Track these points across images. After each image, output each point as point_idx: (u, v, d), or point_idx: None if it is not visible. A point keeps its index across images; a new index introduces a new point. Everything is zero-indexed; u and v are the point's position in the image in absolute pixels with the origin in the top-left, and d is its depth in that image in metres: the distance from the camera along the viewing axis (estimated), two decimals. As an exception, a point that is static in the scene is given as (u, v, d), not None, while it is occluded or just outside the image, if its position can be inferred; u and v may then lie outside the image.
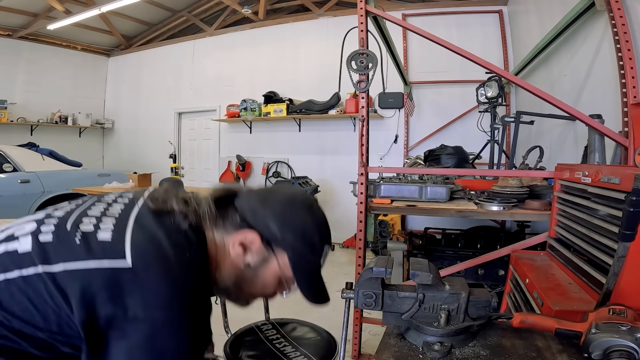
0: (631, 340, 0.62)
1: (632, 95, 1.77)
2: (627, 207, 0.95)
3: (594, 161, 1.92)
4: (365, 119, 2.04)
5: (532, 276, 1.40)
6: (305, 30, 5.17)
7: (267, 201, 0.75)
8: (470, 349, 0.71)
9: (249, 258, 0.72)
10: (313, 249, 0.74)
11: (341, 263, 4.17)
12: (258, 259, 0.73)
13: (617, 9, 1.88)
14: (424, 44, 2.75)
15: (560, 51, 2.93)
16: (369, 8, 2.03)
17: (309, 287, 0.75)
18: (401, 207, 2.09)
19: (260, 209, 0.73)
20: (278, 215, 0.72)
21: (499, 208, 1.96)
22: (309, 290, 0.75)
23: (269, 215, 0.72)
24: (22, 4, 5.21)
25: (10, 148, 4.48)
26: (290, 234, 0.72)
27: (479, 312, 0.72)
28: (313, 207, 0.77)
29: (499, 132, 3.20)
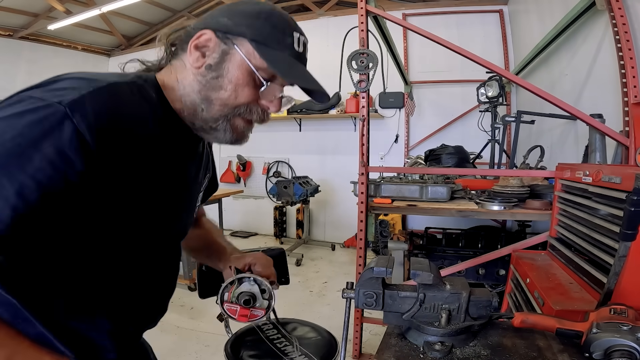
0: (632, 340, 0.62)
1: (633, 95, 1.77)
2: (628, 207, 0.95)
3: (594, 161, 1.92)
4: (366, 118, 2.04)
5: (533, 276, 1.40)
6: (305, 30, 4.99)
7: (214, 10, 0.70)
8: (471, 348, 0.71)
9: (207, 59, 0.66)
10: (274, 26, 0.66)
11: (342, 263, 4.17)
12: (217, 55, 0.65)
13: (618, 9, 1.88)
14: (424, 43, 2.75)
15: (560, 51, 2.92)
16: (369, 8, 2.03)
17: (285, 69, 0.66)
18: (402, 206, 2.09)
19: (208, 15, 0.69)
20: (227, 9, 0.68)
21: (499, 207, 1.96)
22: (286, 71, 0.66)
23: (218, 13, 0.68)
24: (22, 4, 5.21)
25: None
26: (243, 17, 0.66)
27: (480, 312, 0.72)
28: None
29: (499, 132, 3.20)
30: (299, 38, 0.69)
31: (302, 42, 0.70)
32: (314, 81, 0.69)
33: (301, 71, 0.69)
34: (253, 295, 0.72)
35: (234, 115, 0.68)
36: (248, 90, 0.67)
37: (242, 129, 0.71)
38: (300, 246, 4.68)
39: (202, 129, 0.70)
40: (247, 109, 0.68)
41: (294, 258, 4.04)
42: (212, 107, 0.67)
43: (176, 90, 0.68)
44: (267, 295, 0.75)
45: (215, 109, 0.67)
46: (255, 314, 0.74)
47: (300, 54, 0.69)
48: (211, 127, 0.69)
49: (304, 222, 4.80)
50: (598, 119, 1.83)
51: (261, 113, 0.71)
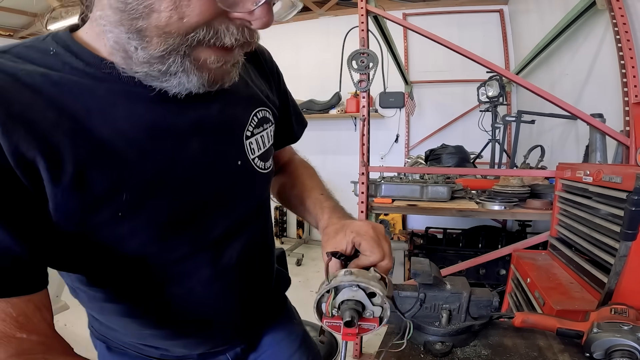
0: (633, 340, 0.62)
1: (634, 95, 1.77)
2: (628, 206, 0.95)
3: (595, 160, 1.92)
4: (366, 118, 2.04)
5: (534, 275, 1.40)
6: (305, 29, 5.16)
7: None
8: (471, 348, 0.71)
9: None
10: None
11: (342, 263, 4.17)
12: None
13: (618, 8, 1.88)
14: (424, 43, 2.74)
15: (561, 50, 2.92)
16: (369, 7, 2.02)
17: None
18: (402, 206, 2.09)
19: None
20: None
21: (500, 207, 1.96)
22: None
23: None
24: (22, 4, 5.21)
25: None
26: None
27: (481, 312, 0.72)
28: None
29: (500, 132, 3.20)
30: None
31: None
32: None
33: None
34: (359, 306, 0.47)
35: (190, 45, 0.44)
36: (198, 2, 0.41)
37: (213, 64, 0.47)
38: (301, 246, 4.68)
39: (150, 77, 0.46)
40: (209, 31, 0.44)
41: (294, 258, 4.04)
42: (149, 41, 0.43)
43: (98, 33, 0.46)
44: (378, 299, 0.49)
45: (155, 43, 0.43)
46: (365, 328, 0.49)
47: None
48: (161, 72, 0.45)
49: (305, 222, 4.80)
50: (598, 119, 1.83)
51: (239, 31, 0.46)
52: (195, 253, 0.56)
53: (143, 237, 0.50)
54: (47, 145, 0.40)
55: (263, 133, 0.64)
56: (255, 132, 0.62)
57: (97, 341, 0.71)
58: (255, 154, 0.62)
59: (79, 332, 2.50)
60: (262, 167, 0.64)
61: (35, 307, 0.41)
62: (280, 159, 0.84)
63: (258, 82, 0.67)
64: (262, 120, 0.64)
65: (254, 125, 0.62)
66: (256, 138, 0.62)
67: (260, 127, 0.63)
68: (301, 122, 0.83)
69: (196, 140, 0.52)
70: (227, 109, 0.57)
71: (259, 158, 0.63)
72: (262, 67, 0.70)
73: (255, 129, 0.62)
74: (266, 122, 0.65)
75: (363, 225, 0.55)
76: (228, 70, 0.50)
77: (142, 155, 0.47)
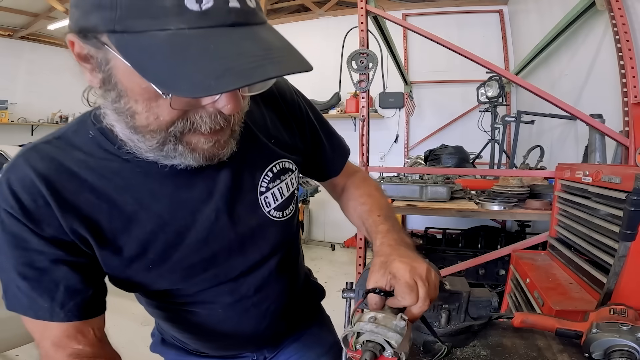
0: (632, 340, 0.62)
1: (633, 95, 1.77)
2: (628, 207, 0.95)
3: (594, 161, 1.92)
4: (366, 118, 2.04)
5: (533, 276, 1.40)
6: (305, 30, 5.16)
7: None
8: (470, 348, 0.71)
9: (95, 75, 0.48)
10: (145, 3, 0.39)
11: (342, 263, 4.17)
12: (99, 67, 0.46)
13: (618, 9, 1.88)
14: (424, 43, 2.75)
15: (560, 51, 2.92)
16: (369, 8, 2.02)
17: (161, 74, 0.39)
18: (402, 206, 2.09)
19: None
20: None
21: (499, 207, 1.96)
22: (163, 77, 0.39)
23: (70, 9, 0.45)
24: (22, 4, 5.21)
25: (11, 148, 4.47)
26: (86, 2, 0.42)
27: (480, 312, 0.72)
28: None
29: (499, 132, 3.20)
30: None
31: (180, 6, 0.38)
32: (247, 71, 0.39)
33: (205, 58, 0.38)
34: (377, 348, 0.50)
35: (176, 137, 0.49)
36: (166, 106, 0.45)
37: (204, 145, 0.51)
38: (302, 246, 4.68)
39: (160, 158, 0.53)
40: (185, 122, 0.48)
41: (293, 258, 4.04)
42: (144, 136, 0.49)
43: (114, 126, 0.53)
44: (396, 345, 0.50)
45: (148, 139, 0.49)
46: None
47: (208, 12, 0.39)
48: (165, 157, 0.52)
49: (304, 222, 4.80)
50: (598, 119, 1.83)
51: (214, 119, 0.48)
52: (215, 287, 0.66)
53: (169, 279, 0.62)
54: (90, 223, 0.54)
55: (281, 184, 0.68)
56: (270, 186, 0.67)
57: (156, 332, 0.85)
58: (271, 206, 0.67)
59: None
60: (279, 217, 0.69)
61: (91, 327, 0.56)
62: (337, 184, 0.85)
63: (276, 131, 0.69)
64: (279, 172, 0.68)
65: (269, 180, 0.66)
66: (272, 191, 0.67)
67: (277, 180, 0.68)
68: (341, 154, 0.82)
69: (207, 207, 0.60)
70: (236, 174, 0.62)
71: (275, 209, 0.68)
72: (282, 112, 0.71)
73: (270, 183, 0.67)
74: (285, 173, 0.69)
75: (401, 267, 0.55)
76: (222, 146, 0.54)
77: (162, 224, 0.58)
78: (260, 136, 0.66)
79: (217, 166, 0.59)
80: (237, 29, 0.41)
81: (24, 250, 0.51)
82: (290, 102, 0.72)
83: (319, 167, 0.81)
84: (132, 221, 0.56)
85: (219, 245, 0.63)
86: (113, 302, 0.69)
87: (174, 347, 0.80)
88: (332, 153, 0.80)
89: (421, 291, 0.53)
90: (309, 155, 0.76)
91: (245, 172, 0.64)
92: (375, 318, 0.53)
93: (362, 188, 0.81)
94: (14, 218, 0.50)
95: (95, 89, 0.50)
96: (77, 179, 0.53)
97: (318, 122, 0.77)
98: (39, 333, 0.55)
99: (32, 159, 0.52)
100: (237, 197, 0.63)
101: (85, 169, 0.54)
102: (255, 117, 0.65)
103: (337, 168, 0.82)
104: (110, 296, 0.60)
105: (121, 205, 0.55)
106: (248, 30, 0.42)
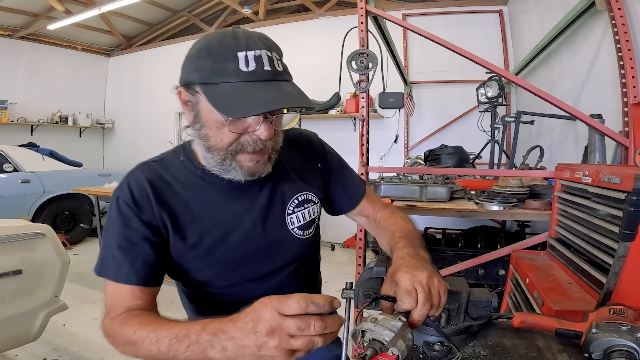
0: (631, 340, 0.62)
1: (633, 95, 1.77)
2: (627, 207, 0.95)
3: (594, 161, 1.92)
4: (366, 118, 2.04)
5: (533, 276, 1.40)
6: (305, 30, 5.16)
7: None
8: (470, 348, 0.71)
9: (191, 114, 0.74)
10: (214, 57, 0.67)
11: (341, 263, 4.17)
12: (192, 107, 0.73)
13: (618, 9, 1.88)
14: (424, 43, 2.76)
15: (560, 51, 2.92)
16: (369, 8, 2.02)
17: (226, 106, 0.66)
18: (401, 207, 2.08)
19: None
20: (184, 58, 0.74)
21: (499, 208, 1.96)
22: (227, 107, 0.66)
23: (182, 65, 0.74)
24: (22, 4, 5.20)
25: (11, 148, 4.48)
26: (190, 62, 0.71)
27: (480, 312, 0.72)
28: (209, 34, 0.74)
29: (499, 132, 3.20)
30: (245, 56, 0.66)
31: (251, 58, 0.66)
32: (270, 99, 0.66)
33: (250, 97, 0.65)
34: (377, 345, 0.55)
35: (233, 155, 0.74)
36: (227, 130, 0.71)
37: (249, 163, 0.75)
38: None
39: (221, 173, 0.78)
40: (238, 144, 0.73)
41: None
42: (213, 154, 0.75)
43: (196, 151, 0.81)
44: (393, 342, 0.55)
45: (216, 156, 0.74)
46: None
47: (253, 72, 0.66)
48: (223, 170, 0.77)
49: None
50: (597, 119, 1.83)
51: (256, 142, 0.73)
52: (244, 283, 0.84)
53: (211, 270, 0.81)
54: (171, 215, 0.77)
55: (304, 211, 0.89)
56: (295, 210, 0.88)
57: None
58: (295, 225, 0.88)
59: (76, 332, 2.50)
60: (301, 234, 0.89)
61: (150, 293, 0.75)
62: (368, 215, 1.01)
63: (303, 171, 0.92)
64: (303, 201, 0.89)
65: (295, 205, 0.88)
66: (297, 214, 0.88)
67: (301, 206, 0.89)
68: (356, 189, 1.00)
69: (248, 217, 0.82)
70: (271, 197, 0.85)
71: (298, 228, 0.88)
72: (308, 156, 0.94)
73: (295, 208, 0.88)
74: (308, 202, 0.90)
75: (403, 276, 0.63)
76: (261, 166, 0.77)
77: (215, 224, 0.80)
78: (290, 172, 0.89)
79: (258, 189, 0.83)
80: (267, 82, 0.68)
81: (127, 227, 0.74)
82: (315, 148, 0.96)
83: (340, 198, 0.99)
84: (196, 218, 0.79)
85: (251, 248, 0.82)
86: (113, 302, 0.72)
87: None
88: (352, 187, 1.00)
89: (420, 296, 0.60)
90: (333, 188, 0.97)
91: (278, 196, 0.86)
92: (376, 319, 0.59)
93: (390, 219, 0.94)
94: (127, 205, 0.74)
95: (189, 124, 0.77)
96: (169, 186, 0.79)
97: (339, 168, 0.99)
98: (112, 292, 0.73)
99: (144, 170, 0.79)
100: (270, 213, 0.85)
101: (174, 180, 0.80)
102: (288, 158, 0.89)
103: (352, 202, 1.00)
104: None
105: (192, 206, 0.79)
106: (274, 84, 0.69)
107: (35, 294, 1.75)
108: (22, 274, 1.68)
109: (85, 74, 6.56)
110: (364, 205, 1.00)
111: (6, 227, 1.71)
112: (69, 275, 1.99)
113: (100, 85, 6.84)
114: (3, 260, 1.63)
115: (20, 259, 1.68)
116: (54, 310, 1.83)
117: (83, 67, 6.53)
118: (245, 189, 0.81)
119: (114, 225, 0.74)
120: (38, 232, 1.78)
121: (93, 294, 3.08)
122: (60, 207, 4.59)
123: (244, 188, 0.80)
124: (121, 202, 0.75)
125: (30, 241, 1.75)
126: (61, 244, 1.88)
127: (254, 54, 0.67)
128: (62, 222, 4.66)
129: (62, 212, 4.65)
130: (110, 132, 6.88)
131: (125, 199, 0.75)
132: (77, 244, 4.74)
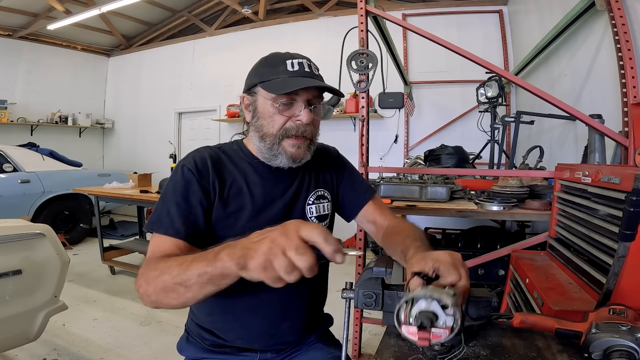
0: (631, 340, 0.62)
1: (632, 95, 1.77)
2: (627, 207, 0.95)
3: (594, 161, 1.92)
4: (366, 118, 2.04)
5: (532, 276, 1.40)
6: (305, 30, 5.17)
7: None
8: (470, 348, 0.71)
9: (251, 112, 0.95)
10: (271, 64, 0.92)
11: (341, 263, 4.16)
12: (252, 105, 0.95)
13: (617, 9, 1.88)
14: (424, 44, 2.74)
15: (560, 51, 2.93)
16: (369, 8, 2.03)
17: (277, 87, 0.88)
18: (401, 207, 2.08)
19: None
20: (249, 72, 0.97)
21: (499, 208, 1.96)
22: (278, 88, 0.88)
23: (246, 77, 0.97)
24: (22, 4, 5.20)
25: (11, 148, 4.48)
26: (254, 71, 0.95)
27: (479, 312, 0.72)
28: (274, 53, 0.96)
29: (499, 132, 3.20)
30: (292, 62, 0.91)
31: (296, 64, 0.91)
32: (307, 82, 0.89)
33: (293, 82, 0.88)
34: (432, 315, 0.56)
35: (280, 140, 0.91)
36: (277, 116, 0.91)
37: (292, 148, 0.92)
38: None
39: (269, 159, 0.95)
40: (284, 130, 0.91)
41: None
42: (265, 140, 0.93)
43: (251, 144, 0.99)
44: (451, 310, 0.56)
45: (267, 141, 0.93)
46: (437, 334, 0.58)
47: (296, 71, 0.90)
48: (272, 155, 0.93)
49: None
50: (597, 120, 1.83)
51: (297, 126, 0.91)
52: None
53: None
54: (222, 184, 0.93)
55: (320, 205, 1.06)
56: (315, 202, 1.05)
57: (185, 331, 1.09)
58: (313, 214, 1.04)
59: (76, 332, 2.50)
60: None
61: (191, 251, 0.83)
62: (375, 221, 1.12)
63: (322, 173, 1.09)
64: (319, 197, 1.06)
65: (314, 199, 1.04)
66: (316, 206, 1.05)
67: (318, 201, 1.05)
68: (364, 192, 1.13)
69: (279, 200, 0.98)
70: (298, 188, 1.02)
71: (315, 218, 1.04)
72: (328, 163, 1.12)
73: (315, 200, 1.05)
74: (323, 199, 1.07)
75: (442, 253, 0.70)
76: (302, 151, 0.94)
77: (253, 200, 0.95)
78: (312, 172, 1.06)
79: (291, 180, 1.01)
80: (306, 78, 0.91)
81: (187, 189, 0.88)
82: (333, 158, 1.14)
83: (351, 201, 1.13)
84: (239, 192, 0.94)
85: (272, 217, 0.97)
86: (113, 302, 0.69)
87: (194, 345, 1.03)
88: (362, 192, 1.13)
89: (462, 270, 0.66)
90: (339, 194, 1.13)
91: (303, 189, 1.03)
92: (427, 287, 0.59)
93: (401, 226, 1.01)
94: (190, 171, 0.90)
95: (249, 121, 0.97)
96: (223, 164, 0.96)
97: (350, 173, 1.15)
98: (157, 244, 0.84)
99: (206, 149, 0.97)
100: (296, 201, 1.01)
101: (228, 161, 0.97)
102: (312, 162, 1.02)
103: (360, 203, 1.12)
104: (111, 296, 0.59)
105: (238, 182, 0.95)
106: (311, 79, 0.91)
107: (35, 294, 1.75)
108: (22, 274, 1.67)
109: (85, 74, 6.55)
110: (371, 210, 1.11)
111: (6, 227, 1.70)
112: (69, 275, 1.99)
113: (100, 85, 6.83)
114: (3, 260, 1.62)
115: (20, 259, 1.68)
116: (54, 310, 1.83)
117: (83, 67, 6.53)
118: (282, 178, 0.98)
119: (176, 186, 0.89)
120: (38, 232, 1.78)
121: (93, 294, 3.07)
122: (60, 207, 4.59)
123: (281, 177, 0.98)
124: (185, 169, 0.90)
125: (30, 241, 1.74)
126: (61, 244, 1.88)
127: (298, 61, 0.92)
128: (62, 222, 4.65)
129: (62, 212, 4.65)
130: (110, 132, 6.88)
131: (189, 166, 0.90)
132: (77, 244, 4.74)
